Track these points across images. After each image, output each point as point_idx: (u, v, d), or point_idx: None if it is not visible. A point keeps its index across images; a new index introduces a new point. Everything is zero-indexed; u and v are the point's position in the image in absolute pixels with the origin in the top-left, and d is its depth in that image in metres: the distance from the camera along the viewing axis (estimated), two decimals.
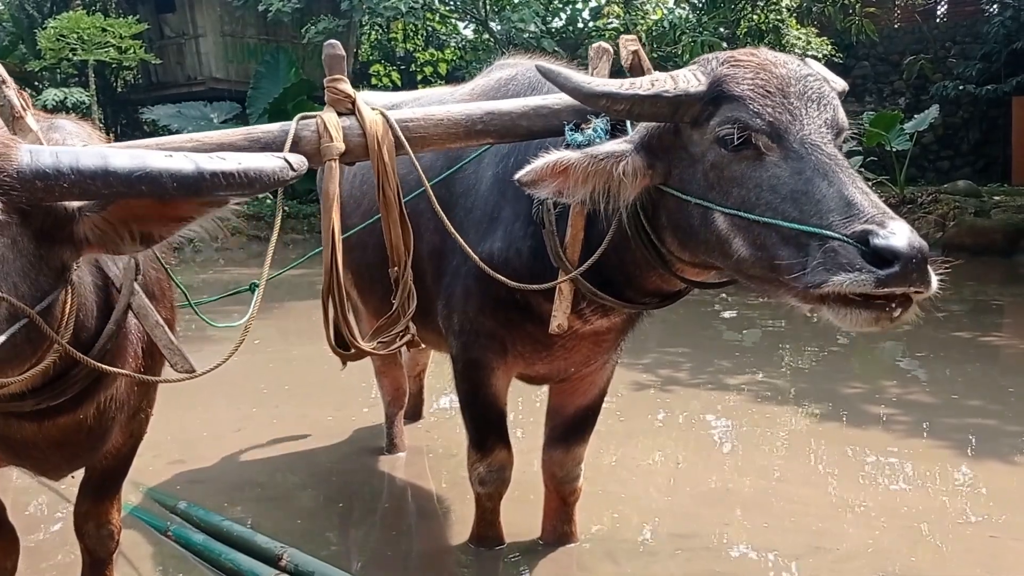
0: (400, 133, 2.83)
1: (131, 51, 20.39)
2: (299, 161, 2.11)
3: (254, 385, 6.94)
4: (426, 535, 4.33)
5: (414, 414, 5.81)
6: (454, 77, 20.20)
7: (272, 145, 2.70)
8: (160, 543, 4.01)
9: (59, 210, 1.98)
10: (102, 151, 1.94)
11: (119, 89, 25.67)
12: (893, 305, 2.20)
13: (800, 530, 4.12)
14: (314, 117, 2.83)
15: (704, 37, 14.60)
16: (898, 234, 2.14)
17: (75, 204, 2.00)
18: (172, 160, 1.90)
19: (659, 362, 7.58)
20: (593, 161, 2.55)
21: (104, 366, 2.26)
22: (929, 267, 2.16)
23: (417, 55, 22.29)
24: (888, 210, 2.26)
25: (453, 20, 22.08)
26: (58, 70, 21.87)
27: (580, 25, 20.97)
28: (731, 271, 2.66)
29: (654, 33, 17.68)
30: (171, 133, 4.49)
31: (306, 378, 7.20)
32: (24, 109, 2.58)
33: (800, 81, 2.48)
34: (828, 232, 2.21)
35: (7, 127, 2.60)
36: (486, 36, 20.43)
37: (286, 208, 19.23)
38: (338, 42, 2.97)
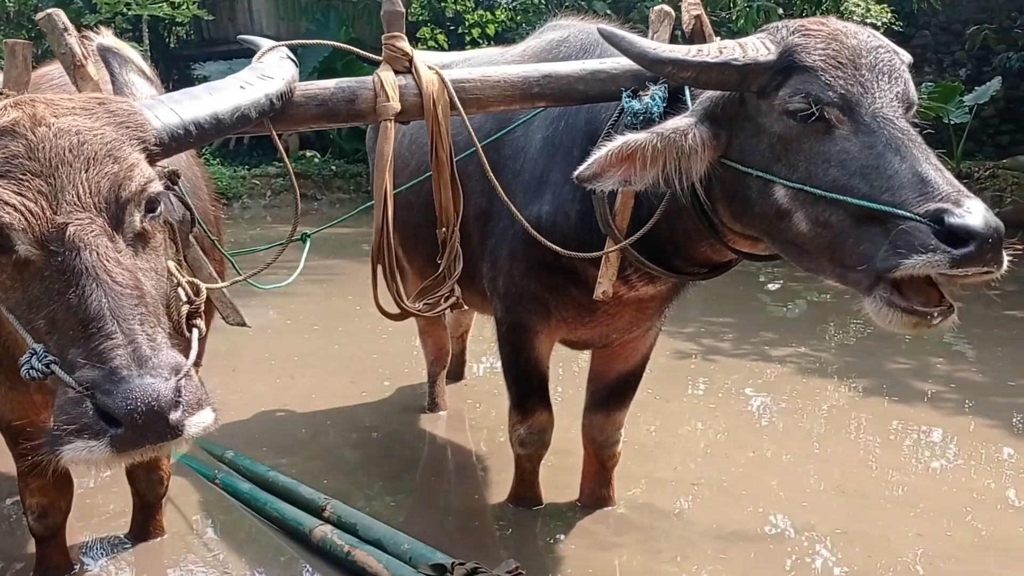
0: (455, 94, 2.82)
1: (184, 6, 20.54)
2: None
3: (299, 342, 7.02)
4: (465, 493, 4.39)
5: (456, 374, 5.86)
6: (503, 39, 19.94)
7: (329, 101, 2.72)
8: (207, 490, 4.12)
9: None
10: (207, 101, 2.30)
11: (171, 45, 25.86)
12: (935, 313, 2.18)
13: (837, 507, 4.12)
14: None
15: (760, 2, 14.16)
16: (975, 213, 2.08)
17: None
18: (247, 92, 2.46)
19: (702, 332, 7.53)
20: (660, 138, 2.49)
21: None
22: (1002, 247, 2.10)
23: (467, 16, 22.06)
24: (963, 188, 2.20)
25: None
26: (112, 24, 22.07)
27: None
28: (782, 246, 2.59)
29: None
30: None
31: (349, 337, 7.25)
32: (85, 57, 2.63)
33: (871, 52, 2.42)
34: (901, 212, 2.15)
35: (68, 75, 2.66)
36: None
37: (333, 167, 19.34)
38: None
